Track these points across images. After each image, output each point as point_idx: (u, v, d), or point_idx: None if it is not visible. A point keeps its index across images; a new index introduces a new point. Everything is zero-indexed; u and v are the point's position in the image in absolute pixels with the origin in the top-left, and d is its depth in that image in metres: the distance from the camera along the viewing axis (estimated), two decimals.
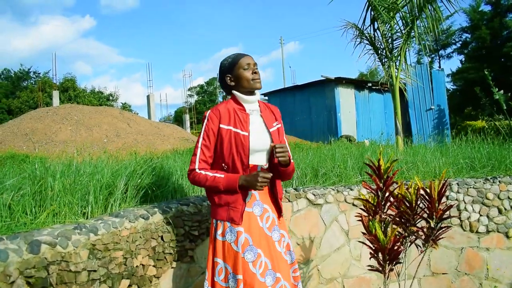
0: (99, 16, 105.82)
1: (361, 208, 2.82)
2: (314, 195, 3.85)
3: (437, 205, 2.61)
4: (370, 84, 19.43)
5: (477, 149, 5.22)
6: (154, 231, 2.72)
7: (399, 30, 7.18)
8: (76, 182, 2.76)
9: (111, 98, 38.30)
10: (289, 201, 3.74)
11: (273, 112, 2.43)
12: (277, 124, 2.37)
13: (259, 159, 2.27)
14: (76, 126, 12.28)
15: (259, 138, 2.25)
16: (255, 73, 2.26)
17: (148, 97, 29.68)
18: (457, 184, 4.18)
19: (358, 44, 7.47)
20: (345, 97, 19.15)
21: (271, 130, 2.29)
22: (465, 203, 4.11)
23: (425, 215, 2.69)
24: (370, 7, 7.04)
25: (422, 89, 17.67)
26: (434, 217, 2.63)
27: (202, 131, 2.26)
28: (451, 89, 29.64)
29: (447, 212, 2.79)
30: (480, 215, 4.10)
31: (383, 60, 7.34)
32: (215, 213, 2.25)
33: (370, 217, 2.69)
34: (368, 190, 2.84)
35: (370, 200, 2.76)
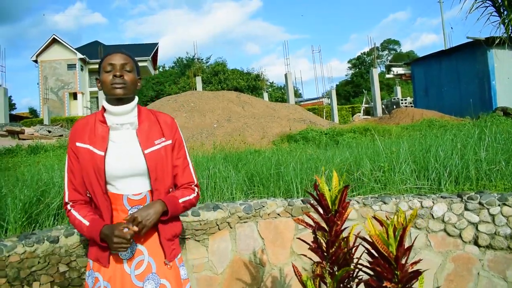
0: None
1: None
2: None
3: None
4: None
5: None
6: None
7: None
8: None
9: (257, 78, 39.66)
10: (291, 215, 3.03)
11: (160, 125, 1.83)
12: (162, 142, 1.80)
13: (130, 185, 1.73)
14: (191, 112, 12.77)
15: (122, 160, 1.71)
16: (117, 76, 1.71)
17: (285, 75, 29.75)
18: None
19: None
20: (501, 60, 15.87)
21: (146, 151, 1.73)
22: None
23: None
24: None
25: None
26: None
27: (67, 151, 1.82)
28: None
29: None
30: None
31: None
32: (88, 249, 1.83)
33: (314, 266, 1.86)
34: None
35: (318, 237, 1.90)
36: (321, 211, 1.87)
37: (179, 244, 1.90)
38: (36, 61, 41.43)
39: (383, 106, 28.39)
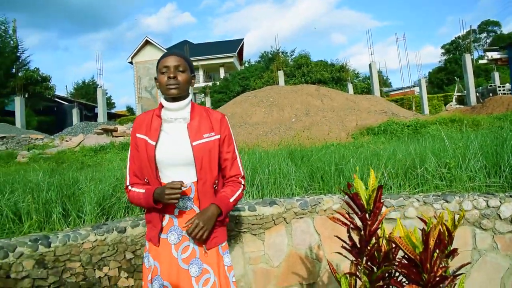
0: None
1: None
2: (386, 206, 3.04)
3: None
4: None
5: None
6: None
7: None
8: None
9: (342, 69, 38.79)
10: (348, 213, 3.03)
11: (211, 121, 2.00)
12: (211, 136, 1.96)
13: (178, 175, 1.91)
14: (270, 107, 12.94)
15: (171, 150, 1.90)
16: (171, 77, 1.90)
17: (369, 65, 28.73)
18: None
19: None
20: None
21: (194, 143, 1.90)
22: None
23: None
24: None
25: None
26: None
27: (130, 140, 2.07)
28: None
29: None
30: None
31: None
32: None
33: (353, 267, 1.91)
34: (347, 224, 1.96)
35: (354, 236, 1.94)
36: (356, 210, 1.88)
37: (224, 233, 2.02)
38: (131, 63, 44.86)
39: (477, 94, 26.20)
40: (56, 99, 38.68)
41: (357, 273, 1.85)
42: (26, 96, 29.05)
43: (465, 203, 2.92)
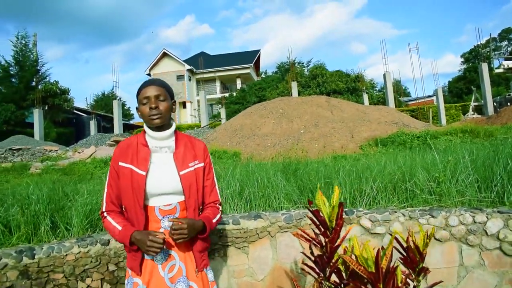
0: None
1: None
2: (371, 221, 3.03)
3: None
4: None
5: None
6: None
7: None
8: None
9: (357, 79, 38.59)
10: None
11: (194, 149, 2.06)
12: (195, 164, 2.02)
13: (163, 200, 1.96)
14: (279, 119, 12.94)
15: (161, 180, 1.94)
16: (153, 108, 1.93)
17: (384, 76, 28.46)
18: None
19: None
20: None
21: (182, 172, 1.95)
22: None
23: None
24: None
25: None
26: None
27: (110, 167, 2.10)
28: None
29: None
30: None
31: None
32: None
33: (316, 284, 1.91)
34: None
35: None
36: (320, 226, 1.88)
37: (207, 256, 2.09)
38: (149, 74, 45.60)
39: (495, 104, 25.68)
40: (75, 111, 39.49)
41: None
42: (46, 108, 29.77)
43: (452, 218, 2.87)
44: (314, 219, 1.88)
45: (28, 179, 7.58)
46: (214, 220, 2.01)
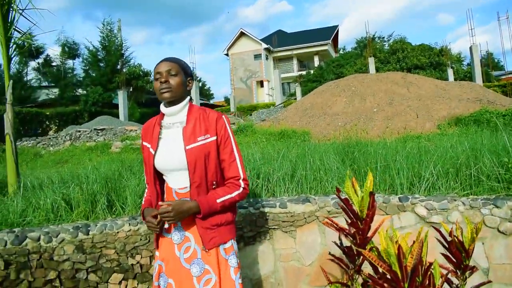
0: None
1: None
2: (427, 209, 2.86)
3: None
4: None
5: None
6: None
7: None
8: None
9: (441, 53, 35.98)
10: (385, 213, 2.94)
11: (207, 122, 1.99)
12: (206, 138, 1.94)
13: (177, 181, 1.98)
14: (351, 97, 12.48)
15: (166, 156, 1.95)
16: (163, 82, 1.94)
17: (470, 49, 26.14)
18: None
19: None
20: None
21: (188, 147, 1.91)
22: None
23: None
24: None
25: None
26: None
27: None
28: None
29: None
30: None
31: None
32: None
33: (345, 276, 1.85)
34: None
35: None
36: (351, 215, 1.78)
37: (228, 233, 1.99)
38: (227, 54, 46.42)
39: None
40: None
41: (348, 283, 1.76)
42: (130, 90, 31.64)
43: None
44: (345, 207, 1.78)
45: (107, 157, 8.16)
46: (220, 200, 1.90)
